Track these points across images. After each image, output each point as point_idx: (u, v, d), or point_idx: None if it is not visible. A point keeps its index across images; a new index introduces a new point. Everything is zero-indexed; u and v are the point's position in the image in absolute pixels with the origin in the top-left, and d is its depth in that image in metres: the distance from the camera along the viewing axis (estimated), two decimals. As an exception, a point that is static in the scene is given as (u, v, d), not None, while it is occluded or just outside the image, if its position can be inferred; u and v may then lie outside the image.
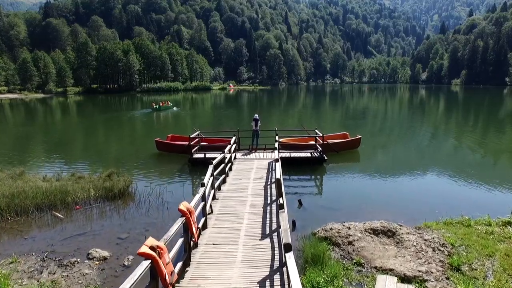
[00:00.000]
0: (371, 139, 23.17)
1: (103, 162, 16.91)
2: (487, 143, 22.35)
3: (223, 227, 7.78)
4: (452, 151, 20.59)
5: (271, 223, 7.86)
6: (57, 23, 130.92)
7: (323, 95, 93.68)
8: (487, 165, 16.95)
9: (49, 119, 40.58)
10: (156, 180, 13.43)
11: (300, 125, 21.38)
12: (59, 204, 10.23)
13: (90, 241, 8.07)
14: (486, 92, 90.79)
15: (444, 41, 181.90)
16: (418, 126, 31.11)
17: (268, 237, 7.18)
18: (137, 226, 9.00)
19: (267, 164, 14.09)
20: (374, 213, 9.72)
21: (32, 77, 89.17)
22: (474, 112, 44.82)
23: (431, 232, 7.62)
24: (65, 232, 8.65)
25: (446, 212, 9.28)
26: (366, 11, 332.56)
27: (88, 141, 24.46)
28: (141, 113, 43.14)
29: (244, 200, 9.51)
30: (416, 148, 21.26)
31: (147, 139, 22.03)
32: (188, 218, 5.88)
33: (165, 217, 9.45)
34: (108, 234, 8.48)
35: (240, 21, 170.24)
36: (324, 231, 7.84)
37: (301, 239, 7.81)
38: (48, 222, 9.36)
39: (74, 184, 11.40)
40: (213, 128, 27.77)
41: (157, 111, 43.31)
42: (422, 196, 11.60)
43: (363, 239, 7.22)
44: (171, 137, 19.28)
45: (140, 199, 11.06)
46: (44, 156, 19.17)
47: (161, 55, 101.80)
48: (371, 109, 50.21)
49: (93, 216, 9.76)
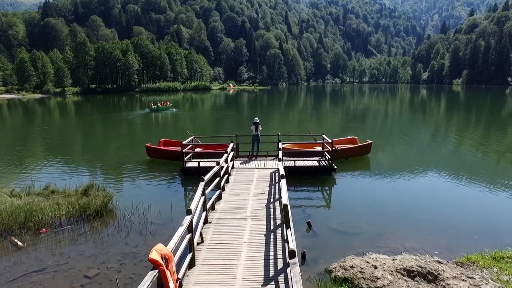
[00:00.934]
0: (380, 142, 21.47)
1: (84, 172, 15.24)
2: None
3: (215, 265, 6.15)
4: (481, 157, 18.24)
5: (276, 259, 6.23)
6: (55, 22, 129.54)
7: (324, 95, 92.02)
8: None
9: (39, 120, 38.84)
10: (142, 194, 11.71)
11: (305, 130, 19.32)
12: (21, 227, 8.60)
13: (47, 283, 6.40)
14: (489, 92, 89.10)
15: (445, 40, 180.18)
16: (429, 128, 29.35)
17: (272, 281, 5.55)
18: (111, 258, 7.35)
19: (269, 175, 12.43)
20: (398, 238, 8.10)
21: (30, 77, 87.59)
22: (488, 113, 42.50)
23: (480, 272, 5.99)
24: (19, 267, 6.98)
25: (489, 239, 7.66)
26: (366, 11, 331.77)
27: (75, 146, 22.78)
28: (138, 114, 41.57)
29: (242, 225, 7.86)
30: (433, 152, 19.51)
31: (139, 144, 20.20)
32: (163, 270, 4.24)
33: (148, 245, 7.79)
34: (73, 271, 6.81)
35: (240, 20, 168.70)
36: (343, 270, 6.20)
37: (314, 280, 6.19)
38: (5, 251, 7.73)
39: (45, 200, 9.76)
40: (211, 132, 26.12)
41: (155, 111, 41.82)
42: (451, 214, 9.90)
43: (396, 284, 5.58)
44: (163, 142, 17.36)
45: (121, 219, 9.40)
46: (18, 163, 16.97)
47: (160, 54, 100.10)
48: (374, 110, 48.55)
49: (61, 243, 8.11)
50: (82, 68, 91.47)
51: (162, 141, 17.50)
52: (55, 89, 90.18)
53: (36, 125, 33.94)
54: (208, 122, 34.96)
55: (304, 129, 20.52)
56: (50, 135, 26.95)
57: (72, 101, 69.40)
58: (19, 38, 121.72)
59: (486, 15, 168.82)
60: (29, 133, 28.83)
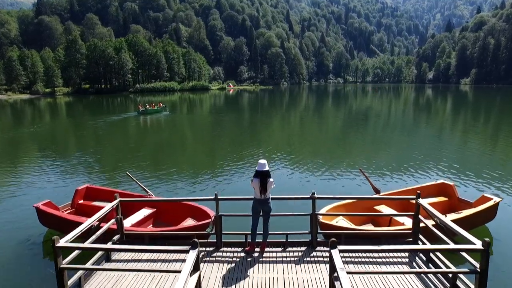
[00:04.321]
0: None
1: None
2: None
3: None
4: None
5: None
6: (50, 20, 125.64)
7: (329, 96, 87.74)
8: None
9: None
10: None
11: (359, 170, 10.93)
12: None
13: None
14: (500, 92, 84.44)
15: (450, 39, 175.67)
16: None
17: None
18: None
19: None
20: None
21: (18, 76, 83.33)
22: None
23: None
24: None
25: None
26: (368, 9, 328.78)
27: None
28: (124, 117, 37.05)
29: None
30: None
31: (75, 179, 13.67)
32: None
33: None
34: None
35: (241, 19, 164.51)
36: None
37: None
38: None
39: None
40: (188, 160, 18.05)
41: (144, 115, 37.28)
42: None
43: None
44: (84, 191, 9.54)
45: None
46: None
47: (156, 53, 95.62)
48: (395, 116, 43.97)
49: None
50: (74, 67, 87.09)
51: (83, 188, 9.53)
52: (44, 89, 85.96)
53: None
54: (199, 132, 30.38)
55: (358, 171, 11.96)
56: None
57: (59, 102, 65.26)
58: (11, 37, 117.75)
59: (494, 13, 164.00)
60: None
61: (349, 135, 25.94)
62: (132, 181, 10.25)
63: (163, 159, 17.96)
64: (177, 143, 23.83)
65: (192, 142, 24.26)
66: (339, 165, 15.59)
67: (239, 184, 12.86)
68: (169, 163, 16.77)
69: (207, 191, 11.57)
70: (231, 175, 14.10)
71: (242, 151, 18.83)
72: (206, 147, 21.63)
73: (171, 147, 22.20)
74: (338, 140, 24.04)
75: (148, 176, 13.83)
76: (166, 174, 14.35)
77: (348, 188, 12.18)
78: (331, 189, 11.77)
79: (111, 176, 14.03)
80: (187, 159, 18.47)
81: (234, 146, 21.11)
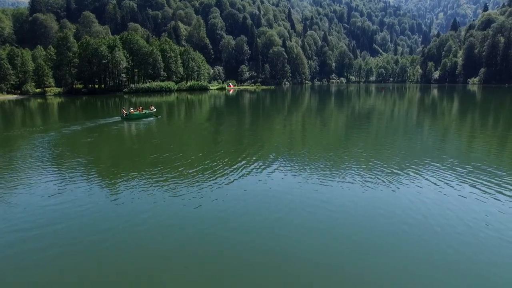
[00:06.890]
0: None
1: None
2: None
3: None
4: None
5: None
6: (44, 18, 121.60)
7: (333, 96, 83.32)
8: None
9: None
10: None
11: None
12: None
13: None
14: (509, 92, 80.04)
15: (456, 38, 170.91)
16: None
17: None
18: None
19: None
20: None
21: (6, 76, 79.13)
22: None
23: None
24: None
25: None
26: (370, 8, 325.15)
27: None
28: (104, 123, 32.08)
29: None
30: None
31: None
32: None
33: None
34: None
35: (242, 17, 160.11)
36: None
37: None
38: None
39: None
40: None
41: (127, 120, 32.45)
42: None
43: None
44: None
45: None
46: None
47: (152, 51, 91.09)
48: (405, 117, 39.75)
49: None
50: (65, 66, 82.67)
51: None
52: (35, 89, 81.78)
53: None
54: (185, 156, 21.15)
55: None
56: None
57: (47, 103, 61.04)
58: (5, 35, 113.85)
59: (501, 10, 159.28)
60: None
61: (367, 140, 21.71)
62: None
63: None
64: (150, 170, 16.45)
65: (176, 172, 15.56)
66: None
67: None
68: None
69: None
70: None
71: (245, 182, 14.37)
72: (194, 179, 14.63)
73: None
74: (352, 146, 19.78)
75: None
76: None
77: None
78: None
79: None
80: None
81: (233, 172, 16.62)
